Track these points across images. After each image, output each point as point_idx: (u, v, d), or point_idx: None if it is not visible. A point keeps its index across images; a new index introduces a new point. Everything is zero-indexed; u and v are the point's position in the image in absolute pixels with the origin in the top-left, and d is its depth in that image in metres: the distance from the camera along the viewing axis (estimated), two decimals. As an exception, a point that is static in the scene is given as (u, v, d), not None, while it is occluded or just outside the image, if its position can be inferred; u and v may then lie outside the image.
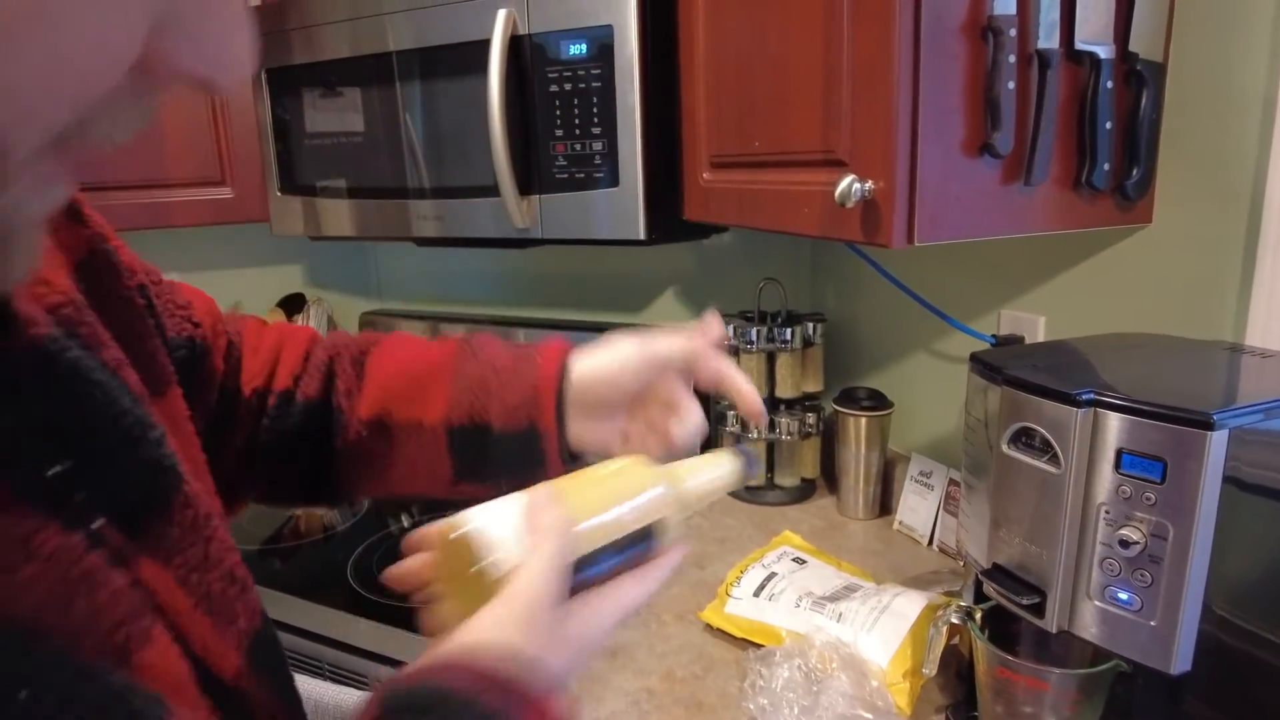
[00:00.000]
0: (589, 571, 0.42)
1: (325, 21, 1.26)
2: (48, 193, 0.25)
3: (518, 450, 0.54)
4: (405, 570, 0.45)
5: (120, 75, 0.23)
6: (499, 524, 0.41)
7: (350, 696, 0.94)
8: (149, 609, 0.33)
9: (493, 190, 1.14)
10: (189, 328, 0.51)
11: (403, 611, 1.01)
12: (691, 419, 0.55)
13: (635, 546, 0.44)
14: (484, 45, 1.09)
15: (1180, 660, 0.57)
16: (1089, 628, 0.61)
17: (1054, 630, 0.63)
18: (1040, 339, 0.99)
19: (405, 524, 1.30)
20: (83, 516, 0.32)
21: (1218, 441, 0.53)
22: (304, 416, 0.56)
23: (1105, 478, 0.59)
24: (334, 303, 1.78)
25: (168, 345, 0.48)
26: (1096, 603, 0.60)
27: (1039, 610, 0.63)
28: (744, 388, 0.56)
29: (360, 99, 1.28)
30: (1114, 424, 0.58)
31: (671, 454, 0.52)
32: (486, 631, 0.38)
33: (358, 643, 1.01)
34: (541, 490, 0.43)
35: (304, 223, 1.38)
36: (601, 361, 0.54)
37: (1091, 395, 0.59)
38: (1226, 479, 0.54)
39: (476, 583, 0.39)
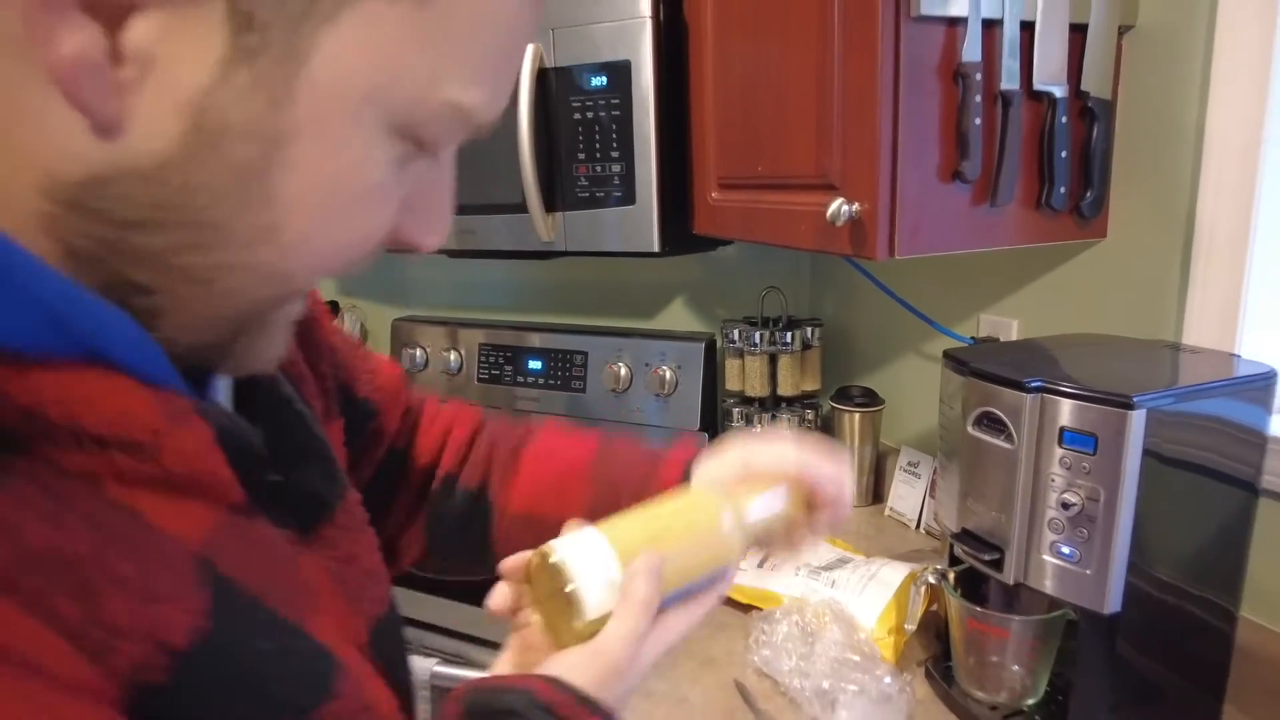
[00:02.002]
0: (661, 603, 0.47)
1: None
2: (300, 305, 0.37)
3: None
4: (502, 597, 0.49)
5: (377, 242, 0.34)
6: (591, 568, 0.45)
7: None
8: (311, 591, 0.40)
9: (520, 207, 1.27)
10: (369, 390, 0.60)
11: (450, 585, 1.13)
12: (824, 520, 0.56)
13: (701, 586, 0.50)
14: (514, 77, 1.21)
15: (1112, 602, 0.68)
16: (1040, 579, 0.73)
17: (1011, 582, 0.74)
18: (1014, 340, 1.10)
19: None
20: (284, 516, 0.39)
21: (1137, 420, 0.65)
22: (464, 503, 0.63)
23: (1051, 452, 0.70)
24: (366, 310, 1.90)
25: (357, 401, 0.57)
26: (1045, 557, 0.72)
27: (999, 565, 0.75)
28: (846, 498, 0.57)
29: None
30: (1057, 406, 0.69)
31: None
32: (569, 671, 0.42)
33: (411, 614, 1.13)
34: (637, 541, 0.47)
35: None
36: (715, 478, 0.57)
37: (1039, 383, 0.70)
38: (1147, 452, 0.66)
39: (562, 605, 0.46)
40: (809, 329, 1.37)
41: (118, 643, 0.27)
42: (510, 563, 0.49)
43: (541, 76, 1.23)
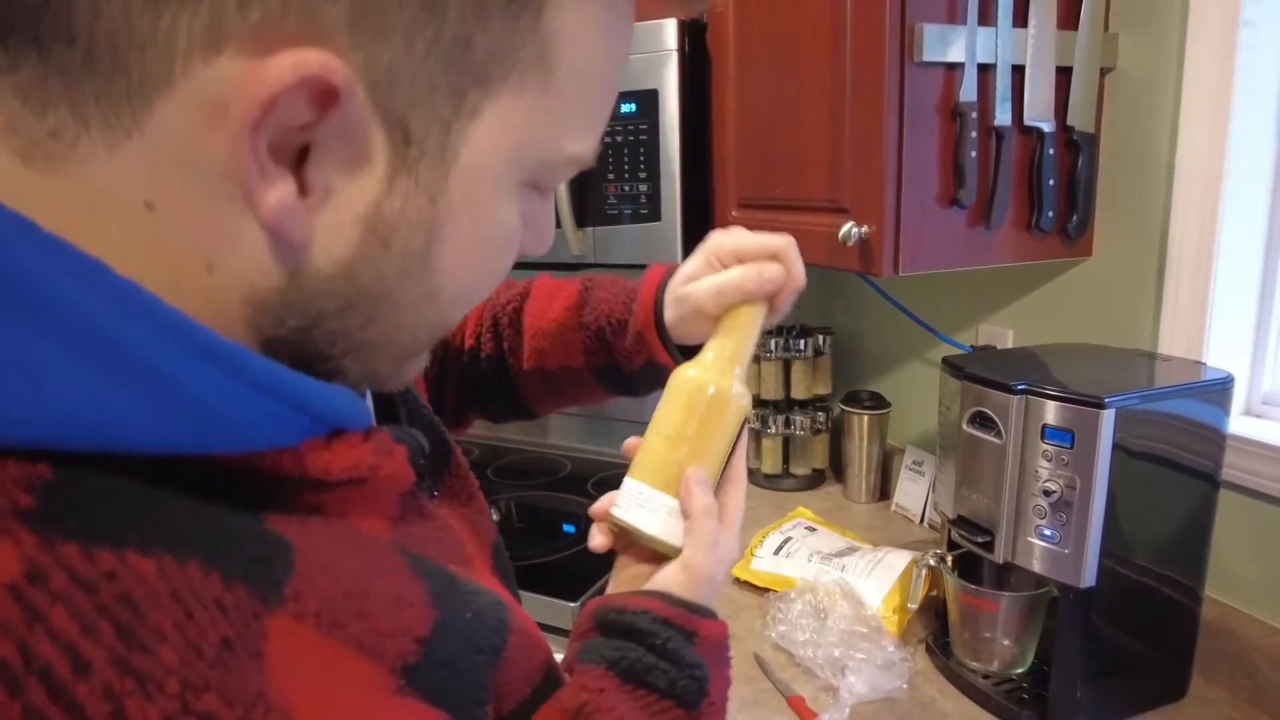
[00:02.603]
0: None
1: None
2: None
3: (648, 377, 0.66)
4: (598, 543, 0.56)
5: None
6: (653, 514, 0.53)
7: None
8: (463, 542, 0.45)
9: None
10: None
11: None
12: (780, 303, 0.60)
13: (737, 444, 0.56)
14: (550, 104, 1.32)
15: (1087, 578, 0.78)
16: (1026, 558, 0.82)
17: (1000, 561, 0.84)
18: (1008, 348, 1.20)
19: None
20: (430, 489, 0.45)
21: (1108, 418, 0.75)
22: (489, 369, 0.72)
23: (1035, 446, 0.80)
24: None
25: None
26: (1030, 539, 0.82)
27: (989, 547, 0.85)
28: (797, 277, 0.59)
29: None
30: (1040, 406, 0.79)
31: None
32: (670, 586, 0.50)
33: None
34: (681, 459, 0.53)
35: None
36: (683, 312, 0.61)
37: (1024, 386, 0.80)
38: (1117, 446, 0.76)
39: (654, 546, 0.53)
40: (820, 336, 1.47)
41: (387, 643, 0.32)
42: (597, 507, 0.56)
43: (575, 103, 1.33)
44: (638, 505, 0.53)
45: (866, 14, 0.92)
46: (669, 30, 1.26)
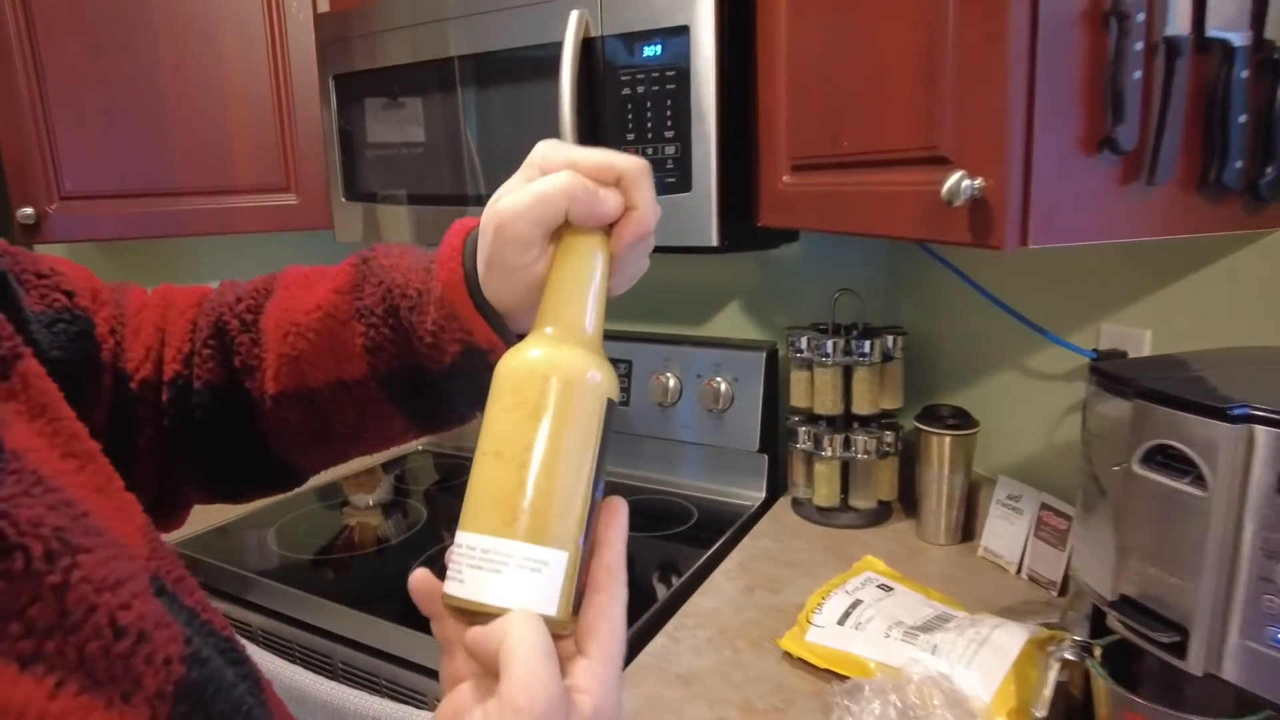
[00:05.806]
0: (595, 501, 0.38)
1: (399, 26, 1.25)
2: None
3: (467, 377, 0.45)
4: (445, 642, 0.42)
5: None
6: (493, 576, 0.37)
7: (409, 715, 0.90)
8: None
9: (560, 196, 1.11)
10: (61, 298, 0.44)
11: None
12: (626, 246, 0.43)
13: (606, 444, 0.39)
14: (552, 49, 1.07)
15: (1356, 713, 0.50)
16: (1245, 673, 0.54)
17: (1200, 673, 0.56)
18: (1152, 355, 0.92)
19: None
20: None
21: None
22: (211, 404, 0.48)
23: (1261, 503, 0.52)
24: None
25: (29, 318, 0.41)
26: (1250, 643, 0.54)
27: (1180, 650, 0.57)
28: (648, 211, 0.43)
29: (422, 106, 1.27)
30: (1272, 443, 0.51)
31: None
32: None
33: (415, 658, 0.98)
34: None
35: (365, 229, 1.37)
36: (496, 250, 0.42)
37: (1245, 411, 0.52)
38: None
39: None
40: (890, 338, 1.19)
41: None
42: (416, 585, 0.41)
43: (587, 46, 1.08)
44: (472, 568, 0.36)
45: (986, -125, 0.64)
46: (704, -48, 1.00)
